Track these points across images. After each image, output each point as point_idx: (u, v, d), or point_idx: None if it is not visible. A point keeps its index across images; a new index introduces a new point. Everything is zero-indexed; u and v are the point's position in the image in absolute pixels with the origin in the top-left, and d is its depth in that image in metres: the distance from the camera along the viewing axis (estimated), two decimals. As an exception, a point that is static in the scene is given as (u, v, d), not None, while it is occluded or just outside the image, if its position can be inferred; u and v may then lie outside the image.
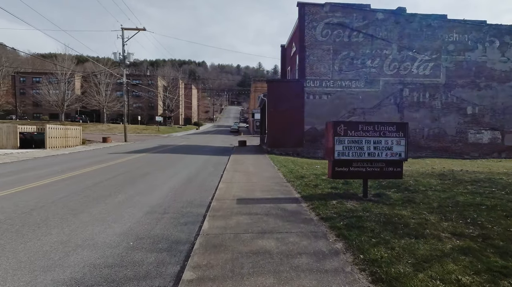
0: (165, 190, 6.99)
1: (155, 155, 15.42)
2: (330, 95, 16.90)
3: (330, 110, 16.86)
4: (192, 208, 5.51)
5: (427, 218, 4.53)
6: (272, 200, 5.87)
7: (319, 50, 16.72)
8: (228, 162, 12.47)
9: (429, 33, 17.05)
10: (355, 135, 5.83)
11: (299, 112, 16.81)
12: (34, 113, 63.04)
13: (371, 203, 5.48)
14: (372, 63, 16.95)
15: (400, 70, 17.09)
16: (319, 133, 16.92)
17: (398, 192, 6.54)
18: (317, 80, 16.81)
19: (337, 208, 5.12)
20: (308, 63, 16.71)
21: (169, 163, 11.99)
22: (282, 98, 16.77)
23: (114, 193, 6.59)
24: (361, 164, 5.90)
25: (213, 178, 8.64)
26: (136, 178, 8.47)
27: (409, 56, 17.08)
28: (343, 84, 16.90)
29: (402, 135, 5.92)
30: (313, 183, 7.57)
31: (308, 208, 5.26)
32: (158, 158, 13.98)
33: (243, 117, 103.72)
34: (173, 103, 61.07)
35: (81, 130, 22.03)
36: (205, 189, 7.12)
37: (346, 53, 16.83)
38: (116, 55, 25.04)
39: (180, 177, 8.69)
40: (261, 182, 7.88)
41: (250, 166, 11.03)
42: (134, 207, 5.47)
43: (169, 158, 14.06)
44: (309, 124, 16.89)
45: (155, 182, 7.86)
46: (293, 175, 8.84)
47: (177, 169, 10.43)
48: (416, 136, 17.25)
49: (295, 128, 16.79)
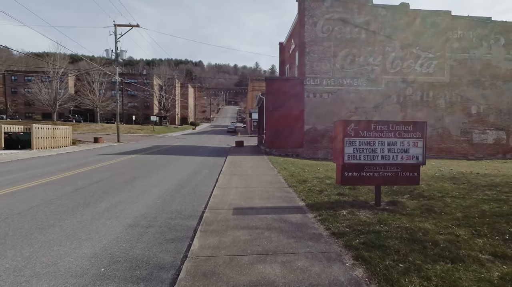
0: (153, 197, 6.25)
1: (147, 156, 14.64)
2: (331, 94, 16.25)
3: (331, 109, 16.22)
4: (182, 219, 4.79)
5: (457, 233, 3.86)
6: (273, 210, 5.16)
7: (319, 47, 16.07)
8: (225, 164, 11.75)
9: (433, 30, 16.48)
10: (368, 136, 5.15)
11: (298, 112, 16.14)
12: (26, 112, 61.66)
13: (386, 213, 4.80)
14: (375, 61, 16.33)
15: (403, 68, 16.50)
16: (320, 134, 16.27)
17: (413, 199, 5.88)
18: (318, 78, 16.15)
19: (349, 220, 4.43)
20: (308, 61, 16.04)
21: (161, 166, 11.23)
22: (281, 97, 16.09)
23: (95, 200, 5.84)
24: (374, 168, 5.23)
25: (208, 183, 7.91)
26: (123, 182, 7.71)
27: (412, 54, 16.50)
28: (345, 83, 16.26)
29: (420, 136, 5.25)
30: (317, 188, 6.88)
31: (316, 220, 4.56)
32: (150, 159, 13.21)
33: (240, 117, 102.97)
34: (168, 102, 60.08)
35: (71, 130, 21.14)
36: (198, 196, 6.39)
37: (348, 50, 16.20)
38: (109, 52, 24.16)
39: (171, 182, 7.94)
40: (260, 187, 7.17)
41: (248, 169, 10.32)
42: (115, 219, 4.74)
43: (161, 159, 13.30)
44: (309, 124, 16.23)
45: (143, 188, 7.11)
46: (295, 179, 8.15)
47: (169, 172, 9.68)
48: (419, 137, 16.64)
49: (294, 129, 16.11)
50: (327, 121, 16.23)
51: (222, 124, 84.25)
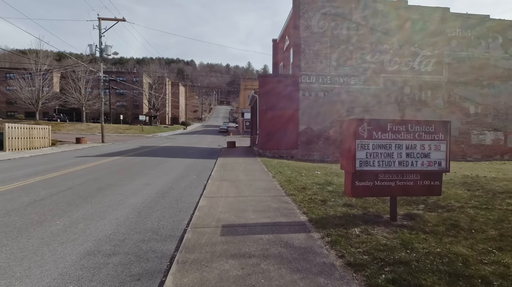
0: (126, 210, 5.25)
1: (131, 158, 13.51)
2: (327, 92, 15.49)
3: (327, 108, 15.47)
4: (157, 242, 3.83)
5: (505, 262, 3.05)
6: (271, 227, 4.26)
7: (315, 43, 15.29)
8: (215, 167, 10.79)
9: (432, 27, 15.95)
10: (383, 138, 4.32)
11: (293, 111, 15.31)
12: (8, 111, 58.79)
13: (407, 232, 3.97)
14: (372, 59, 15.67)
15: (402, 66, 15.90)
16: (315, 134, 15.49)
17: (430, 211, 5.09)
18: (313, 76, 15.36)
19: (365, 243, 3.57)
20: (303, 58, 15.24)
21: (144, 169, 10.18)
22: (275, 96, 15.22)
23: (52, 216, 4.80)
24: (390, 176, 4.40)
25: (194, 190, 6.95)
26: (95, 191, 6.66)
27: (410, 52, 15.92)
28: (341, 81, 15.53)
29: (443, 138, 4.46)
30: (319, 197, 6.02)
31: (324, 242, 3.68)
32: (133, 162, 12.11)
33: (232, 117, 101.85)
34: (158, 101, 58.43)
35: (50, 130, 19.70)
36: (180, 208, 5.42)
37: (345, 47, 15.48)
38: (92, 47, 22.77)
39: (151, 190, 6.94)
40: (254, 195, 6.26)
41: (240, 173, 9.39)
42: (71, 243, 3.74)
43: (146, 162, 12.22)
44: (304, 124, 15.43)
45: (117, 198, 6.09)
46: (293, 185, 7.27)
47: (151, 177, 8.65)
48: (417, 138, 16.08)
49: (289, 129, 15.28)
50: (322, 122, 15.48)
51: (214, 124, 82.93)
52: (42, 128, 19.10)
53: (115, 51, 22.95)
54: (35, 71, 40.04)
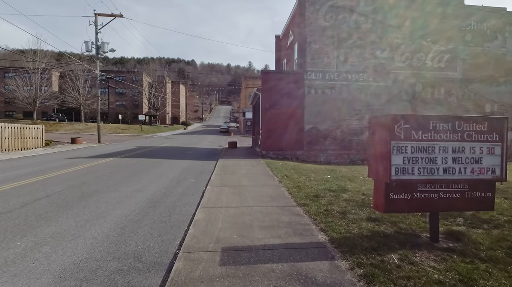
0: (107, 225, 4.39)
1: (126, 160, 12.66)
2: (334, 89, 14.59)
3: (334, 107, 14.57)
4: (138, 274, 2.96)
5: None
6: (283, 251, 3.38)
7: (322, 37, 14.39)
8: (215, 169, 9.92)
9: (445, 21, 15.02)
10: (424, 138, 3.44)
11: (298, 110, 14.42)
12: (6, 111, 58.16)
13: (458, 259, 3.09)
14: (382, 54, 14.77)
15: (413, 62, 14.99)
16: (322, 134, 14.60)
17: (473, 226, 4.21)
18: (320, 72, 14.47)
19: (412, 278, 2.69)
20: (309, 52, 14.35)
21: (137, 173, 9.32)
22: (279, 93, 14.34)
23: (15, 234, 3.94)
24: (432, 187, 3.52)
25: (190, 198, 6.08)
26: (75, 200, 5.80)
27: (423, 46, 15.00)
28: (349, 77, 14.63)
29: (497, 139, 3.57)
30: (336, 207, 5.15)
31: (356, 277, 2.80)
32: (126, 164, 11.26)
33: (233, 116, 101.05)
34: (158, 101, 57.60)
35: (44, 130, 18.89)
36: (173, 223, 4.55)
37: (353, 41, 14.58)
38: (88, 44, 21.93)
39: (142, 198, 6.08)
40: (260, 205, 5.39)
41: (242, 177, 8.52)
42: (25, 276, 2.88)
43: (141, 164, 11.37)
44: (310, 123, 14.54)
45: (99, 209, 5.23)
46: (303, 192, 6.40)
47: (144, 182, 7.79)
48: (429, 138, 15.17)
49: (293, 128, 14.39)
50: (329, 120, 14.58)
51: (215, 124, 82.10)
52: (35, 128, 18.28)
53: (111, 48, 22.13)
54: (32, 70, 39.28)
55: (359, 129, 14.80)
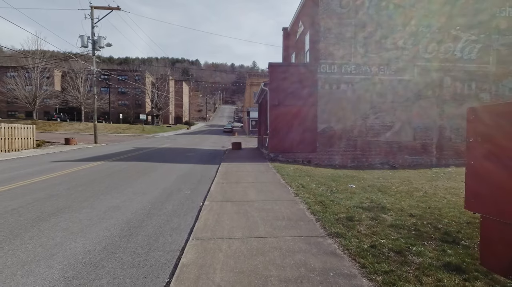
0: (50, 272, 2.90)
1: (117, 164, 11.25)
2: (351, 84, 12.98)
3: (351, 104, 12.98)
4: None
5: None
6: None
7: (337, 26, 12.80)
8: (216, 176, 8.43)
9: (477, 6, 13.29)
10: None
11: (311, 107, 12.86)
12: (9, 111, 57.67)
13: None
14: (405, 44, 13.11)
15: (440, 53, 13.29)
16: (337, 135, 13.01)
17: None
18: (335, 65, 12.87)
19: None
20: (323, 42, 12.77)
21: (122, 182, 7.87)
22: (289, 88, 12.79)
23: None
24: None
25: (181, 221, 4.58)
26: (26, 225, 4.34)
27: (451, 35, 13.30)
28: (368, 71, 13.01)
29: None
30: (385, 241, 3.60)
31: None
32: (114, 170, 9.83)
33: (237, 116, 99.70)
34: (161, 100, 56.43)
35: (34, 130, 17.63)
36: (148, 269, 3.04)
37: (372, 30, 12.95)
38: (84, 38, 20.65)
39: (117, 220, 4.60)
40: (275, 236, 3.86)
41: (249, 187, 7.01)
42: None
43: (131, 170, 9.93)
44: (324, 122, 12.95)
45: (53, 239, 3.75)
46: (329, 211, 4.85)
47: (127, 194, 6.33)
48: (457, 139, 13.49)
49: (305, 128, 12.84)
50: (346, 119, 12.99)
51: (219, 123, 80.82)
52: (25, 128, 17.03)
53: (108, 43, 20.79)
54: (32, 69, 38.34)
55: (378, 129, 13.18)
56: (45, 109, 53.57)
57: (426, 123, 13.31)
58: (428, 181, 8.70)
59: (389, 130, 13.22)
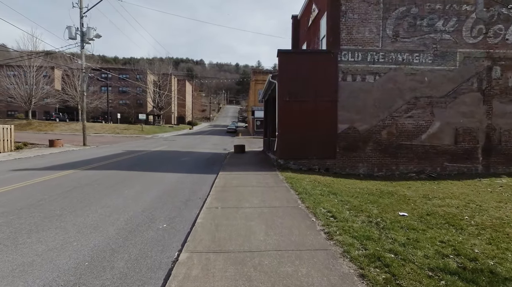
0: None
1: (89, 173, 9.11)
2: (379, 75, 10.65)
3: (378, 99, 10.65)
4: None
5: None
6: None
7: (361, 4, 10.48)
8: (209, 195, 6.21)
9: (534, -21, 10.83)
10: None
11: (329, 103, 10.56)
12: (8, 111, 56.51)
13: None
14: (445, 26, 10.72)
15: (489, 37, 10.87)
16: (361, 137, 10.70)
17: None
18: (359, 52, 10.56)
19: None
20: (345, 24, 10.46)
21: (76, 205, 5.69)
22: (303, 81, 10.52)
23: None
24: None
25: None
26: None
27: (502, 15, 10.87)
28: (400, 59, 10.66)
29: None
30: None
31: None
32: (80, 183, 7.67)
33: (241, 116, 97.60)
34: (162, 99, 54.53)
35: (12, 130, 15.65)
36: None
37: (405, 9, 10.60)
38: (72, 30, 18.67)
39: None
40: None
41: (253, 218, 4.75)
42: None
43: (102, 183, 7.77)
44: (345, 122, 10.65)
45: None
46: (396, 273, 2.57)
47: (67, 233, 4.15)
48: (509, 143, 11.06)
49: (322, 129, 10.55)
50: (372, 118, 10.67)
51: (222, 124, 78.77)
52: (2, 128, 15.08)
53: (97, 34, 18.78)
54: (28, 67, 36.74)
55: (412, 131, 10.81)
56: (45, 109, 52.20)
57: (470, 123, 10.91)
58: (500, 202, 6.34)
59: (425, 132, 10.84)
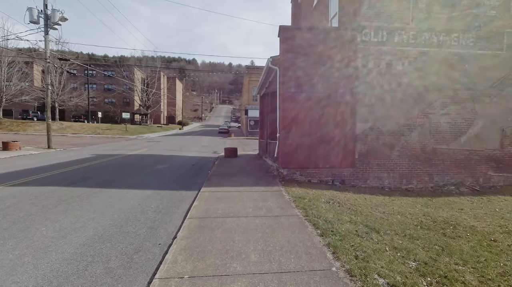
0: None
1: (17, 190, 6.46)
2: (408, 61, 8.33)
3: (408, 91, 8.33)
4: None
5: None
6: None
7: (386, -31, 8.15)
8: (177, 237, 3.70)
9: None
10: None
11: (346, 97, 8.18)
12: (-17, 109, 52.50)
13: None
14: (491, 0, 8.50)
15: (542, 15, 8.70)
16: (386, 140, 8.35)
17: None
18: (384, 31, 8.22)
19: None
20: (366, -6, 8.10)
21: None
22: (311, 67, 8.10)
23: None
24: None
25: None
26: None
27: (558, -12, 8.71)
28: (434, 40, 8.38)
29: None
30: None
31: None
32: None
33: (234, 116, 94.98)
34: (150, 98, 51.43)
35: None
36: None
37: (441, -24, 8.32)
38: (33, 12, 15.82)
39: None
40: None
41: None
42: None
43: (20, 209, 5.18)
44: (365, 120, 8.28)
45: None
46: None
47: None
48: None
49: (337, 129, 8.16)
50: (399, 115, 8.34)
51: (215, 124, 75.99)
52: None
53: (63, 16, 15.94)
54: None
55: (448, 132, 8.54)
56: (23, 108, 48.55)
57: (519, 122, 8.72)
58: None
59: (465, 133, 8.58)
